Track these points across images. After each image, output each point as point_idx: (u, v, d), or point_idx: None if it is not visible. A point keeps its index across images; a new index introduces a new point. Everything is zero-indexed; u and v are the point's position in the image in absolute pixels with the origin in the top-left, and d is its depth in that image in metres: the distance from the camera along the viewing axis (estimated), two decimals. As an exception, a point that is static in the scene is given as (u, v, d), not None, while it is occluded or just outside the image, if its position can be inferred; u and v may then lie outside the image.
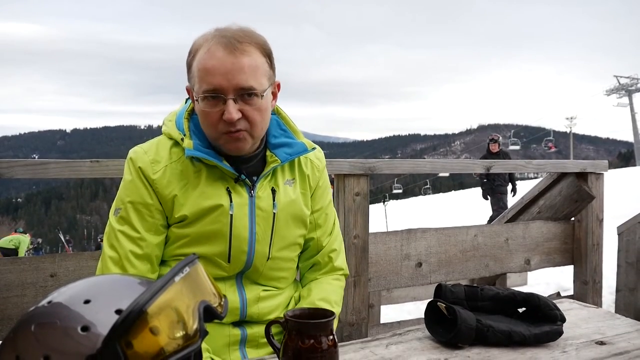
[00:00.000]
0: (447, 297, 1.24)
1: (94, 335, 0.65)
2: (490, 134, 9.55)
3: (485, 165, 2.40)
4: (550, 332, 1.16)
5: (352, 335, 2.01)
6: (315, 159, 1.37)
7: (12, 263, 1.59)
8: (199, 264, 0.75)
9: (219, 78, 1.12)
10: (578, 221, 2.61)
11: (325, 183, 1.40)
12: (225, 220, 1.20)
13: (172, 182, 1.20)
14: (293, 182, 1.31)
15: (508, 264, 2.45)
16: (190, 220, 1.20)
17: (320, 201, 1.37)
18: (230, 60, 1.12)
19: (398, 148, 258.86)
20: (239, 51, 1.13)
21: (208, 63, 1.13)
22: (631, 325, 1.29)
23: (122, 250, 1.19)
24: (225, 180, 1.22)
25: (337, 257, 1.40)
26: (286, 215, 1.28)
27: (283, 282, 1.34)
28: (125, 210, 1.21)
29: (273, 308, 1.30)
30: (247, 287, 1.28)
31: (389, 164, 2.15)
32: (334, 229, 1.42)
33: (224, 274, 1.25)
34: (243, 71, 1.12)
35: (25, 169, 1.60)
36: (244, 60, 1.13)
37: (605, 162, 2.64)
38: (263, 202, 1.25)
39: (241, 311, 1.26)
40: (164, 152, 1.23)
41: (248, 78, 1.13)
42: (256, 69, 1.15)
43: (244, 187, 1.23)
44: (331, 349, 0.93)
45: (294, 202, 1.30)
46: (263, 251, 1.26)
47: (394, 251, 2.17)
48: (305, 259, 1.40)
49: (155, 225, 1.21)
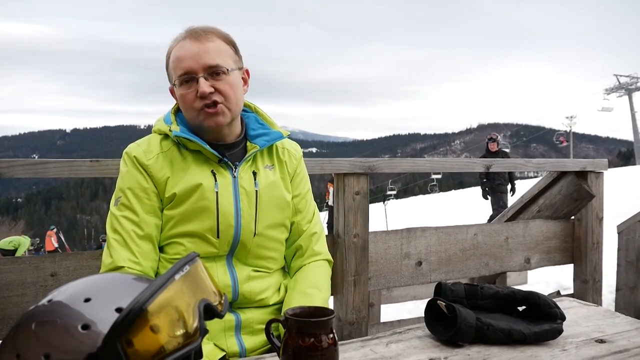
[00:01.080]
0: (447, 295, 1.25)
1: (95, 333, 0.66)
2: (489, 134, 9.56)
3: (485, 164, 2.40)
4: (550, 331, 1.16)
5: (352, 334, 2.01)
6: (292, 150, 1.50)
7: (12, 262, 1.59)
8: (199, 262, 0.75)
9: (189, 61, 1.28)
10: (578, 220, 2.61)
11: (303, 172, 1.52)
12: (211, 197, 1.31)
13: (164, 167, 1.32)
14: (272, 167, 1.43)
15: (508, 263, 2.45)
16: (180, 199, 1.30)
17: (299, 188, 1.48)
18: (196, 45, 1.29)
19: (398, 147, 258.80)
20: (204, 38, 1.30)
21: (179, 53, 1.30)
22: (631, 324, 1.29)
23: (125, 232, 1.28)
24: (209, 164, 1.34)
25: (317, 240, 1.50)
26: (269, 195, 1.38)
27: (272, 263, 1.41)
28: (126, 197, 1.31)
29: (264, 288, 1.37)
30: (237, 267, 1.35)
31: (388, 163, 2.15)
32: (314, 217, 1.51)
33: (215, 250, 1.32)
34: (208, 53, 1.29)
35: (25, 169, 1.60)
36: (209, 45, 1.30)
37: (605, 161, 2.63)
38: (245, 182, 1.36)
39: (233, 289, 1.33)
40: (155, 145, 1.35)
41: (214, 57, 1.29)
42: (220, 51, 1.31)
43: (227, 170, 1.35)
44: (331, 347, 0.94)
45: (275, 184, 1.41)
46: (249, 227, 1.35)
47: (394, 250, 2.17)
48: (288, 245, 1.48)
49: (153, 208, 1.32)
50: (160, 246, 1.35)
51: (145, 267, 1.27)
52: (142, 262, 1.27)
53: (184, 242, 1.31)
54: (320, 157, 2.03)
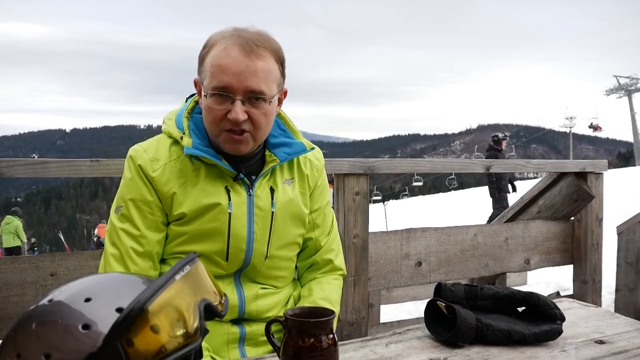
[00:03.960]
0: (447, 296, 1.24)
1: (95, 333, 0.66)
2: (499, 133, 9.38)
3: (485, 164, 2.41)
4: (549, 331, 1.16)
5: (351, 334, 2.02)
6: (314, 159, 1.38)
7: (12, 262, 1.59)
8: (200, 263, 0.75)
9: (231, 77, 1.12)
10: (578, 221, 2.61)
11: (324, 183, 1.40)
12: (223, 219, 1.21)
13: (171, 180, 1.21)
14: (292, 182, 1.31)
15: (508, 264, 2.45)
16: (189, 218, 1.21)
17: (318, 201, 1.38)
18: (245, 61, 1.12)
19: (398, 148, 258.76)
20: (255, 54, 1.14)
21: (222, 61, 1.13)
22: (630, 324, 1.29)
23: (123, 247, 1.20)
24: (224, 178, 1.23)
25: (336, 257, 1.41)
26: (284, 214, 1.28)
27: (281, 281, 1.35)
28: (127, 207, 1.22)
29: (271, 306, 1.31)
30: (245, 285, 1.29)
31: (388, 163, 2.15)
32: (332, 229, 1.42)
33: (222, 272, 1.26)
34: (256, 74, 1.13)
35: (25, 168, 1.60)
36: (258, 64, 1.14)
37: (605, 162, 2.64)
38: (261, 201, 1.25)
39: (239, 309, 1.27)
40: (163, 151, 1.23)
41: (260, 82, 1.14)
42: (269, 74, 1.16)
43: (243, 186, 1.24)
44: (331, 347, 0.93)
45: (293, 201, 1.30)
46: (261, 250, 1.27)
47: (393, 250, 2.17)
48: (303, 259, 1.41)
49: (156, 223, 1.22)
50: (163, 258, 1.27)
51: None
52: None
53: None
54: (320, 158, 2.03)
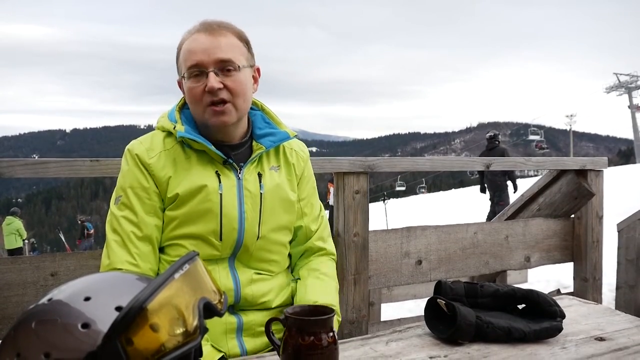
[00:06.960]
0: (447, 294, 1.25)
1: (95, 332, 0.66)
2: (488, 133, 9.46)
3: (485, 162, 2.40)
4: (549, 329, 1.16)
5: (352, 333, 2.01)
6: (300, 150, 1.47)
7: (12, 262, 1.59)
8: (199, 261, 0.75)
9: (200, 54, 1.25)
10: (578, 218, 2.61)
11: (309, 174, 1.50)
12: (215, 200, 1.29)
13: (166, 166, 1.30)
14: (278, 169, 1.41)
15: (508, 261, 2.45)
16: (182, 200, 1.28)
17: (305, 190, 1.47)
18: (209, 39, 1.26)
19: (398, 146, 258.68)
20: (217, 32, 1.27)
21: (190, 45, 1.27)
22: (631, 321, 1.29)
23: (124, 233, 1.27)
24: (214, 164, 1.32)
25: (328, 243, 1.51)
26: (273, 198, 1.36)
27: (275, 266, 1.40)
28: (126, 196, 1.29)
29: (266, 291, 1.35)
30: (239, 270, 1.34)
31: (388, 162, 2.15)
32: (322, 219, 1.50)
33: (217, 253, 1.31)
34: (220, 47, 1.26)
35: (26, 169, 1.60)
36: (222, 39, 1.27)
37: (605, 159, 2.64)
38: (250, 185, 1.33)
39: (235, 292, 1.31)
40: (158, 142, 1.33)
41: (226, 52, 1.26)
42: (233, 47, 1.28)
43: (232, 171, 1.33)
44: (331, 345, 0.94)
45: (280, 186, 1.38)
46: (253, 230, 1.33)
47: (394, 249, 2.17)
48: (295, 246, 1.48)
49: (154, 208, 1.30)
50: (161, 247, 1.33)
51: (143, 269, 1.26)
52: (140, 264, 1.26)
53: (185, 244, 1.29)
54: (321, 157, 2.03)
